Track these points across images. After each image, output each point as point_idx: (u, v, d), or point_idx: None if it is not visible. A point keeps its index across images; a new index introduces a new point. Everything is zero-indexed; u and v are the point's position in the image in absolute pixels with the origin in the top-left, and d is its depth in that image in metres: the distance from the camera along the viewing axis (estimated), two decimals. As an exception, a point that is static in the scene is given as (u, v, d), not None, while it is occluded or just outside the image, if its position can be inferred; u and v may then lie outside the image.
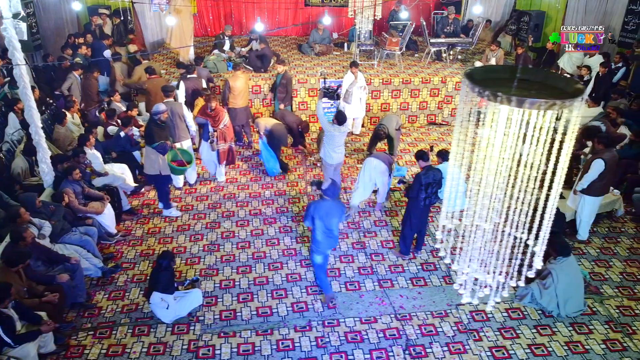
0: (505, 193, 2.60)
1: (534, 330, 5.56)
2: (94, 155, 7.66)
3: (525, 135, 2.26)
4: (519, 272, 2.94)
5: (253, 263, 6.59)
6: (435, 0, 13.77)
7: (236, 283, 6.24)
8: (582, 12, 12.85)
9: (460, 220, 2.72)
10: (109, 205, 6.80)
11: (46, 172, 6.81)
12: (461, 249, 2.87)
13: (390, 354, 5.24)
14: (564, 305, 5.69)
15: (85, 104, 9.24)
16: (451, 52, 11.32)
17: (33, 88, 9.40)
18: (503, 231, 2.82)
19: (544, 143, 2.34)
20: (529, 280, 6.11)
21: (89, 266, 6.07)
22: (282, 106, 9.11)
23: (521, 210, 2.61)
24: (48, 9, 12.04)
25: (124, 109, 9.00)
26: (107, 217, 6.74)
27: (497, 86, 2.35)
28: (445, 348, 5.32)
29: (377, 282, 6.27)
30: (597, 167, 6.48)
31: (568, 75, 9.93)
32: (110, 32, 11.72)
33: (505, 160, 2.49)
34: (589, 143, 7.64)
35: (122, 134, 8.08)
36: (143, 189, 8.09)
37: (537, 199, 2.65)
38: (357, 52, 11.22)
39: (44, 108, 8.75)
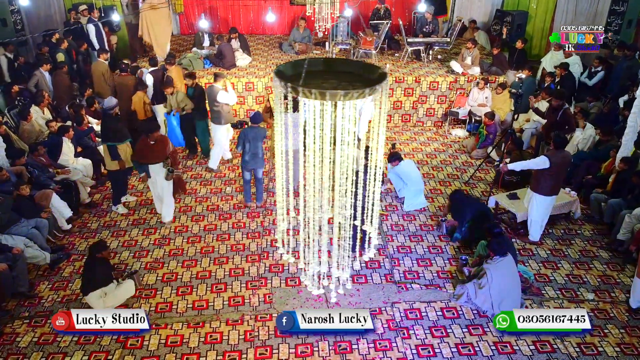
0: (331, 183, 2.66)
1: (465, 330, 5.54)
2: (69, 148, 7.88)
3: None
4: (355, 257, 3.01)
5: (200, 257, 6.67)
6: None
7: (179, 276, 6.32)
8: (572, 12, 12.68)
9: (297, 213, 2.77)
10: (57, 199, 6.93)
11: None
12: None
13: (315, 349, 5.26)
14: (498, 305, 5.65)
15: (58, 99, 9.40)
16: (430, 52, 11.27)
17: (12, 84, 9.70)
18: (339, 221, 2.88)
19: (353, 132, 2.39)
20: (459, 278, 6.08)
21: (35, 255, 6.19)
22: None
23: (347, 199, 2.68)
24: (36, 6, 12.25)
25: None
26: (57, 211, 6.87)
27: (318, 80, 2.39)
28: (372, 345, 5.33)
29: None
30: (539, 161, 6.41)
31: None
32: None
33: (323, 152, 2.55)
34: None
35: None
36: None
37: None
38: (333, 51, 11.24)
39: (16, 102, 8.98)
